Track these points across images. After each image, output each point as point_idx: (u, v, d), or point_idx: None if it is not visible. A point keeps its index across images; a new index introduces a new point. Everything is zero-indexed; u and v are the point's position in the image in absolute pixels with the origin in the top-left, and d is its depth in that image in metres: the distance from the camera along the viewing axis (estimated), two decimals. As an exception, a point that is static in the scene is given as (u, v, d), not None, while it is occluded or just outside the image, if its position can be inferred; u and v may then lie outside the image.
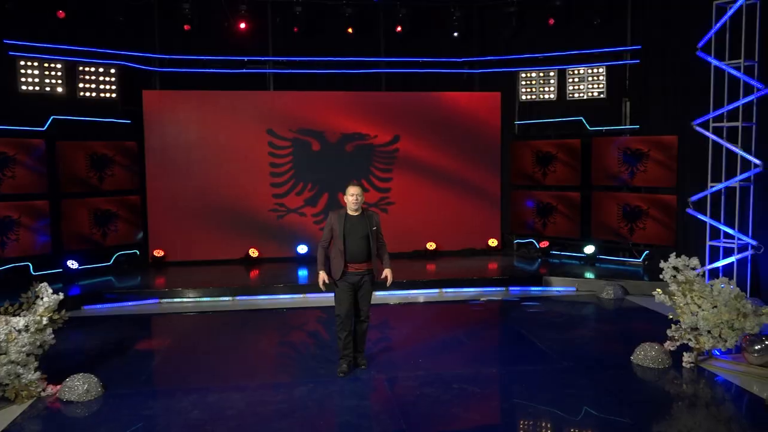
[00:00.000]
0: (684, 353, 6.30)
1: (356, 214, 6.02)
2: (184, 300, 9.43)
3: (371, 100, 12.06)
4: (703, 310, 6.19)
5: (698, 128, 8.55)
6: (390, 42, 12.29)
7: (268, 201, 11.74)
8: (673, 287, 6.45)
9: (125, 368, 6.48)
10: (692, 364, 6.24)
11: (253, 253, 11.58)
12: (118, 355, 6.90)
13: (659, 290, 6.65)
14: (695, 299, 6.28)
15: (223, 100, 11.60)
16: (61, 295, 5.89)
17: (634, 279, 9.89)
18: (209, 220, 11.54)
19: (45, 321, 5.70)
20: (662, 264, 6.64)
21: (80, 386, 5.62)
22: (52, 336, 5.78)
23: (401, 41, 12.26)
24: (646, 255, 10.81)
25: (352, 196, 5.96)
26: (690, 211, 8.86)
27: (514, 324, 8.01)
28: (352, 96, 11.99)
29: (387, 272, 6.16)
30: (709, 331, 6.21)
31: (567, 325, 8.02)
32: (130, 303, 9.27)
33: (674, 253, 6.70)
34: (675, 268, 6.53)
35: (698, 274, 6.63)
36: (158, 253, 11.34)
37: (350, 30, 11.76)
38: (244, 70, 11.90)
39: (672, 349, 6.40)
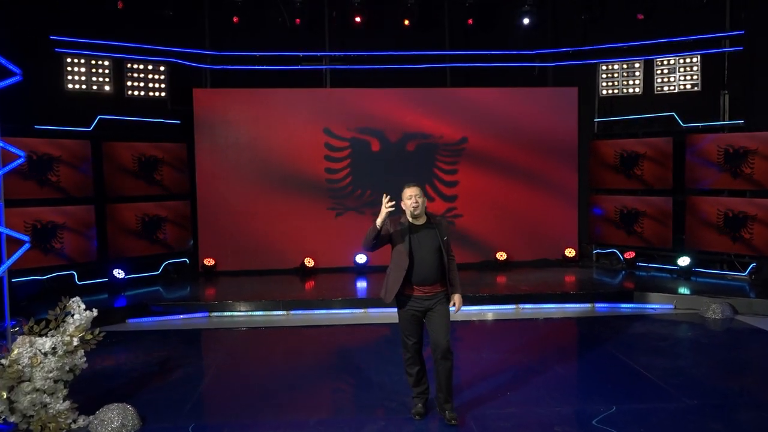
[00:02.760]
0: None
1: (421, 222, 4.87)
2: (235, 314, 8.64)
3: (436, 96, 11.09)
4: None
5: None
6: (455, 34, 11.32)
7: (326, 203, 10.89)
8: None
9: (168, 395, 5.66)
10: None
11: (309, 262, 10.74)
12: (161, 378, 6.10)
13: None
14: None
15: (277, 99, 10.83)
16: (95, 312, 5.11)
17: (741, 296, 8.58)
18: (262, 226, 10.77)
19: (76, 342, 4.91)
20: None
21: (115, 419, 4.81)
22: (84, 359, 4.99)
23: (467, 33, 11.29)
24: (753, 268, 9.46)
25: (410, 199, 4.79)
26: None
27: (610, 347, 6.87)
28: (414, 92, 11.05)
29: (456, 298, 4.92)
30: None
31: (674, 351, 6.83)
32: (177, 316, 8.54)
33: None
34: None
35: None
36: (208, 262, 10.62)
37: (407, 22, 10.86)
38: (299, 66, 11.11)
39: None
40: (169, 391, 5.76)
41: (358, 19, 10.87)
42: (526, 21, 10.99)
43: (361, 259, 10.70)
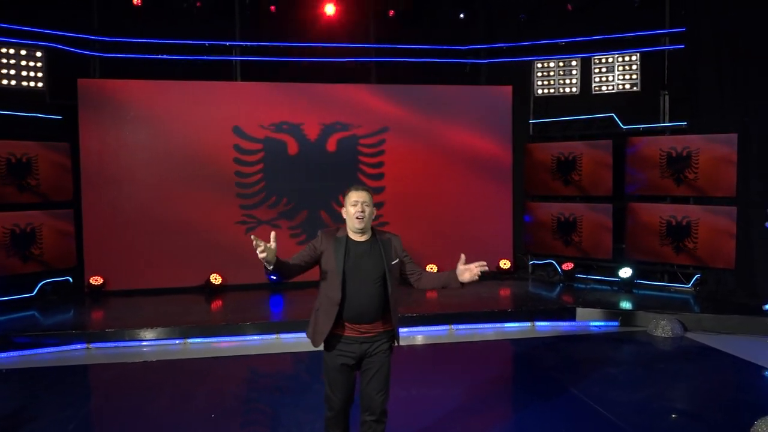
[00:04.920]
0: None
1: (364, 239, 3.80)
2: (120, 344, 7.24)
3: (358, 93, 10.02)
4: None
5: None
6: (381, 27, 10.30)
7: (235, 213, 9.60)
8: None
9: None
10: None
11: (216, 279, 9.42)
12: (1, 441, 4.71)
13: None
14: None
15: (179, 92, 9.48)
16: None
17: (688, 311, 7.92)
18: (161, 238, 9.37)
19: None
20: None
21: None
22: None
23: (394, 26, 10.30)
24: (697, 280, 8.88)
25: (355, 206, 3.73)
26: (772, 225, 6.98)
27: (558, 376, 5.97)
28: (334, 89, 9.94)
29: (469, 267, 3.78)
30: None
31: (628, 379, 6.01)
32: (47, 350, 7.06)
33: None
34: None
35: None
36: (95, 280, 9.12)
37: (328, 11, 9.79)
38: (205, 57, 9.80)
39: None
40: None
41: (272, 8, 9.73)
42: (461, 15, 10.16)
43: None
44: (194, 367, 6.55)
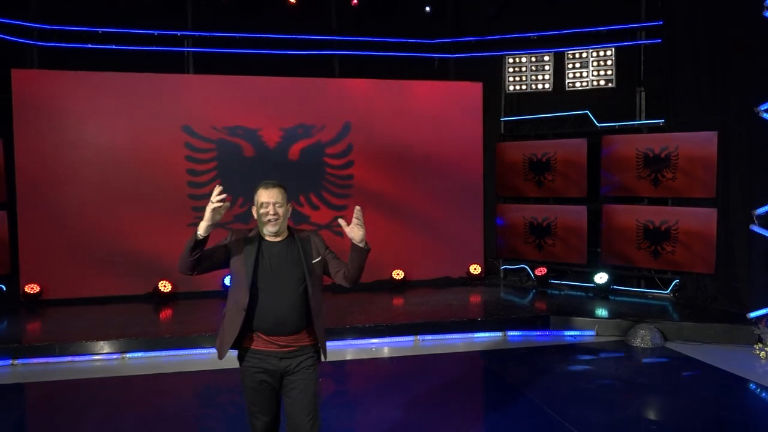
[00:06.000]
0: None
1: (279, 239, 3.29)
2: (50, 360, 6.52)
3: (320, 88, 9.41)
4: None
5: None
6: (343, 18, 9.73)
7: (187, 216, 8.92)
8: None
9: None
10: None
11: (165, 286, 8.73)
12: None
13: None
14: None
15: (125, 85, 8.76)
16: None
17: (668, 319, 7.46)
18: (105, 242, 8.64)
19: None
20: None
21: None
22: None
23: (357, 17, 9.74)
24: (675, 285, 8.45)
25: (265, 207, 3.22)
26: (756, 228, 6.57)
27: (531, 394, 5.44)
28: (294, 83, 9.32)
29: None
30: None
31: (606, 397, 5.50)
32: (-34, 367, 6.33)
33: None
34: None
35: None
36: (31, 288, 8.36)
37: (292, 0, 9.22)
38: (154, 48, 9.12)
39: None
40: None
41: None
42: (427, 9, 9.64)
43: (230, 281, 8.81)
44: (131, 386, 5.88)
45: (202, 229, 3.06)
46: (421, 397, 5.46)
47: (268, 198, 3.21)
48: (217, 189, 3.01)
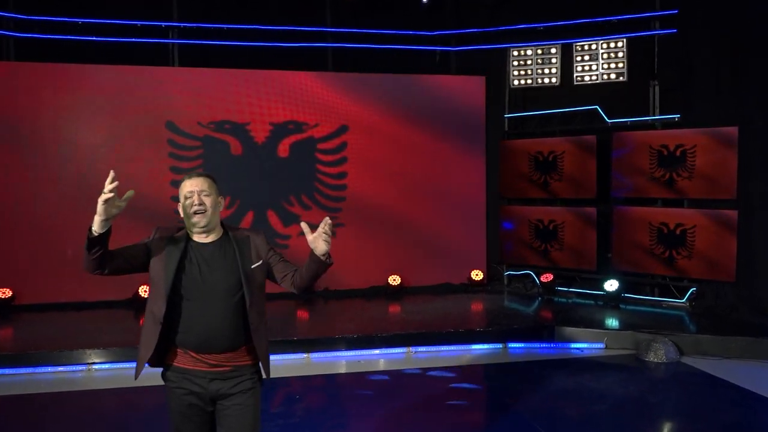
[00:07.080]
0: None
1: (210, 239, 2.79)
2: (6, 373, 6.01)
3: (313, 82, 8.88)
4: None
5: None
6: (338, 9, 9.20)
7: (170, 215, 8.40)
8: None
9: None
10: None
11: (145, 292, 8.22)
12: None
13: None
14: None
15: (105, 79, 8.29)
16: None
17: (684, 331, 6.85)
18: (82, 244, 8.10)
19: None
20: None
21: None
22: None
23: (352, 8, 9.21)
24: (692, 294, 7.82)
25: (188, 198, 2.75)
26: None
27: (532, 420, 4.85)
28: (286, 76, 8.80)
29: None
30: None
31: (617, 422, 4.90)
32: None
33: None
34: None
35: None
36: (3, 293, 7.88)
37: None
38: (137, 39, 8.63)
39: None
40: None
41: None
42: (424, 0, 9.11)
43: (214, 286, 8.30)
44: (97, 400, 5.37)
45: (95, 224, 2.55)
46: (404, 417, 4.89)
47: (191, 186, 2.75)
48: (110, 176, 2.48)
